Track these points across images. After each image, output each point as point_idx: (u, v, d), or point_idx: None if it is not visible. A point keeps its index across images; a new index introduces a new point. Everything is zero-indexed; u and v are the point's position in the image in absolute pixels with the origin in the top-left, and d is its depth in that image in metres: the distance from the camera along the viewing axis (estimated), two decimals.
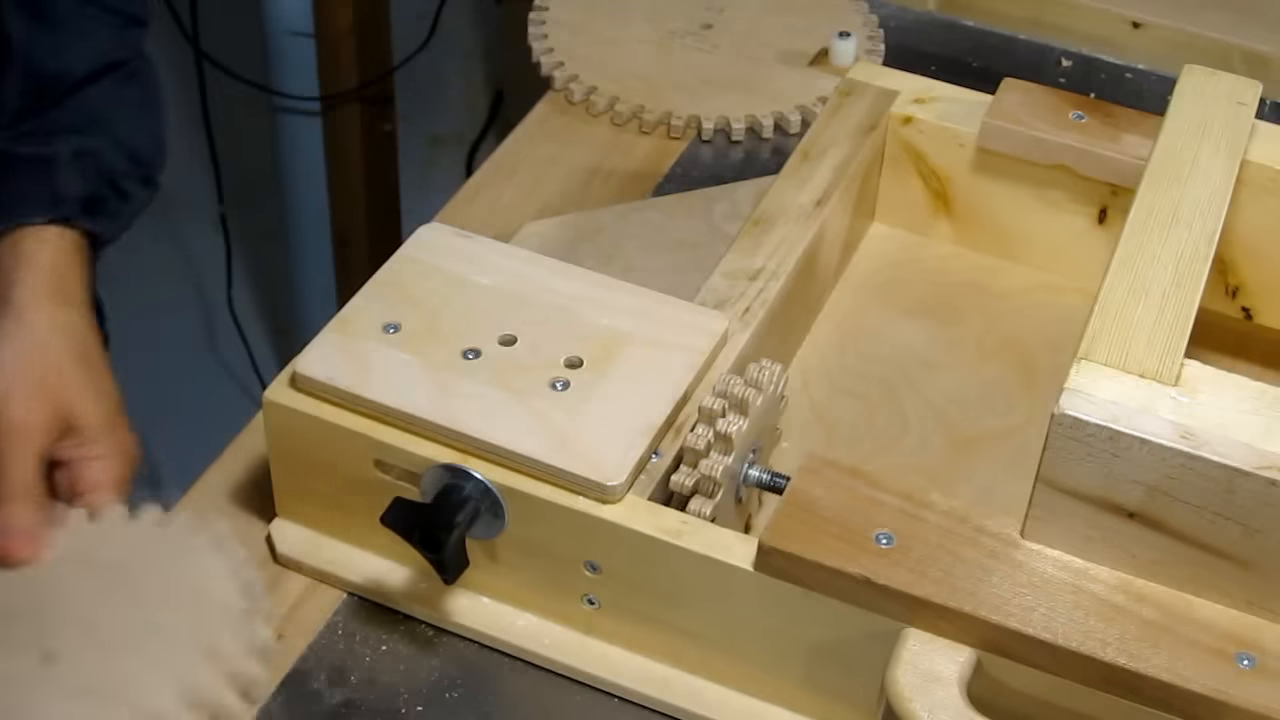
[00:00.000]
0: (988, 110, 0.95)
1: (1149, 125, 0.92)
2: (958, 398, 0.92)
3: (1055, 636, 0.69)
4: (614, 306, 0.82)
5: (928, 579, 0.71)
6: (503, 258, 0.85)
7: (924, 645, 0.71)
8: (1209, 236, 0.79)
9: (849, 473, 0.75)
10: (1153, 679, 0.68)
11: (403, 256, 0.84)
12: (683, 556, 0.73)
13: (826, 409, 0.92)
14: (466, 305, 0.81)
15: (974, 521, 0.73)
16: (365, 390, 0.77)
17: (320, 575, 0.82)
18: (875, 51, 1.17)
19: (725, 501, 0.77)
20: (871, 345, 0.95)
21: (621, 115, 1.11)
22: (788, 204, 0.91)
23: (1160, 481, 0.69)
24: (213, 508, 0.85)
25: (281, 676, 0.78)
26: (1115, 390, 0.70)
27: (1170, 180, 0.82)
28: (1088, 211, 0.96)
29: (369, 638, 0.80)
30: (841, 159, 0.94)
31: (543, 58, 1.15)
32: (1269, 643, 0.70)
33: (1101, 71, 1.19)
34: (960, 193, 0.99)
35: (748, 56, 1.15)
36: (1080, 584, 0.71)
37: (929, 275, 1.00)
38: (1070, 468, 0.70)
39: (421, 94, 2.12)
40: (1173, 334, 0.73)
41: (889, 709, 0.70)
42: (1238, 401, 0.70)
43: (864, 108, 0.97)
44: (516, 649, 0.80)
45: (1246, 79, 0.90)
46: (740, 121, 1.10)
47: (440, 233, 0.86)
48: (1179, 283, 0.76)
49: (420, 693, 0.78)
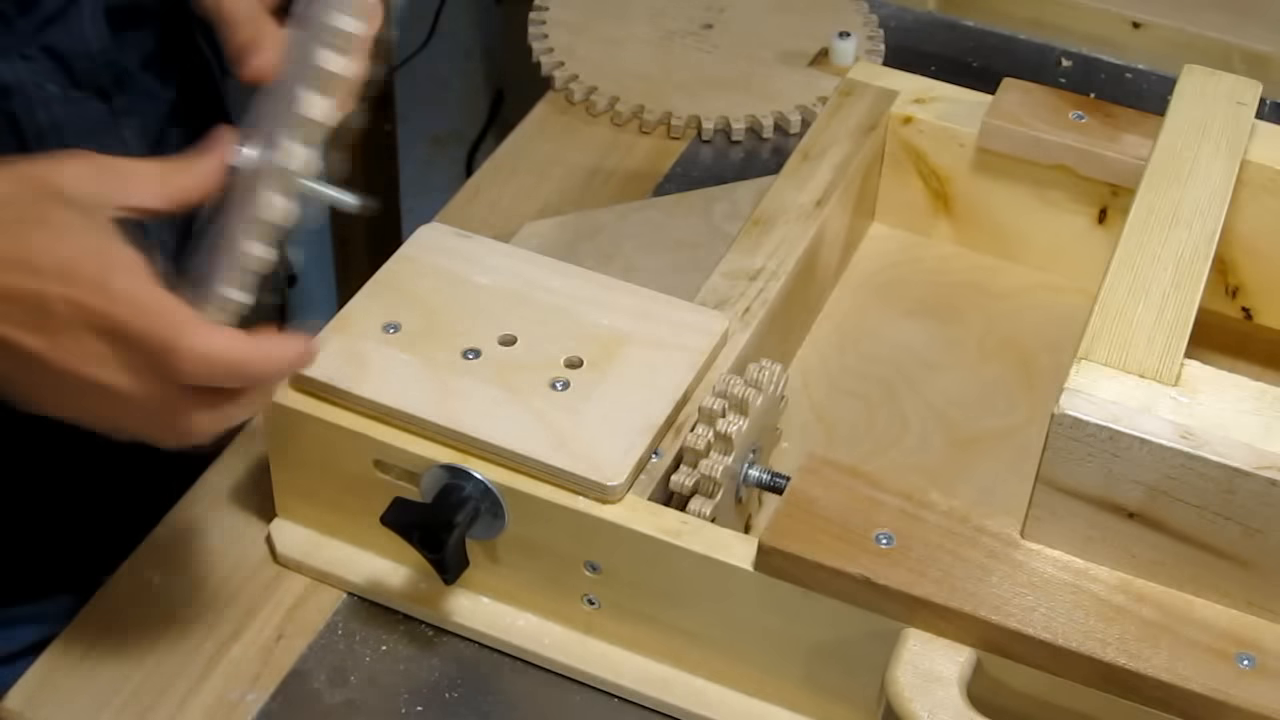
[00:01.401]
0: (988, 110, 0.95)
1: (1149, 125, 0.92)
2: (958, 398, 0.92)
3: (1055, 636, 0.69)
4: (614, 306, 0.82)
5: (928, 579, 0.71)
6: (502, 258, 0.85)
7: (924, 645, 0.71)
8: (1209, 236, 0.79)
9: (849, 473, 0.75)
10: (1153, 679, 0.68)
11: (402, 256, 0.84)
12: (683, 556, 0.73)
13: (826, 409, 0.92)
14: (466, 305, 0.81)
15: (974, 521, 0.73)
16: (365, 390, 0.77)
17: (320, 575, 0.82)
18: (875, 51, 1.16)
19: (725, 501, 0.77)
20: (871, 345, 0.95)
21: (621, 115, 1.11)
22: (788, 204, 0.91)
23: (1160, 481, 0.69)
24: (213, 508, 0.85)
25: (281, 676, 0.78)
26: (1115, 390, 0.70)
27: (1170, 180, 0.82)
28: (1088, 211, 0.96)
29: (369, 638, 0.80)
30: (841, 159, 0.94)
31: (543, 58, 1.15)
32: (1269, 643, 0.70)
33: (1101, 71, 1.19)
34: (960, 193, 0.99)
35: (748, 56, 1.15)
36: (1080, 584, 0.71)
37: (929, 275, 1.00)
38: (1070, 468, 0.70)
39: (421, 94, 2.12)
40: (1173, 334, 0.73)
41: (889, 709, 0.70)
42: (1238, 401, 0.70)
43: (864, 108, 0.97)
44: (516, 649, 0.80)
45: (1246, 79, 0.90)
46: (740, 121, 1.10)
47: (440, 233, 0.86)
48: (1179, 283, 0.76)
49: (420, 693, 0.78)
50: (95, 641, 0.79)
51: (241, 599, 0.81)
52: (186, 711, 0.77)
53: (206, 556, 0.83)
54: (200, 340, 0.66)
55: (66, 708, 0.77)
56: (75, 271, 0.65)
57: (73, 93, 0.84)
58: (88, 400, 0.67)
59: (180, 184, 0.70)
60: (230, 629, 0.80)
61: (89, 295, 0.65)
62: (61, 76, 0.83)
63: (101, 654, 0.79)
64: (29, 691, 0.77)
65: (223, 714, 0.77)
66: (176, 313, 0.66)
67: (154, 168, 0.70)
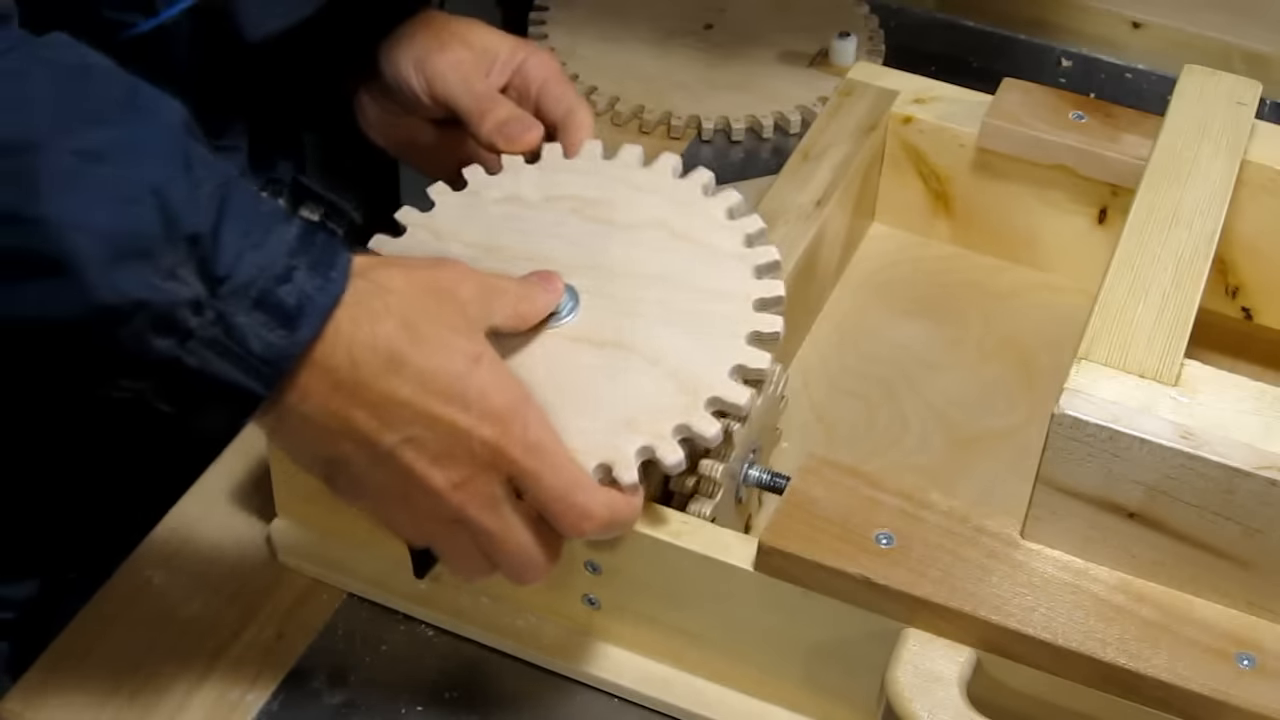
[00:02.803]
0: (988, 110, 0.95)
1: (1149, 125, 0.92)
2: (958, 398, 0.92)
3: (1055, 636, 0.69)
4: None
5: (928, 579, 0.71)
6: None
7: (924, 645, 0.71)
8: (1209, 236, 0.79)
9: (849, 473, 0.75)
10: (1153, 679, 0.68)
11: (378, 242, 0.84)
12: (683, 556, 0.73)
13: (826, 409, 0.92)
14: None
15: (974, 521, 0.73)
16: None
17: (320, 575, 0.82)
18: (875, 51, 1.16)
19: (725, 502, 0.77)
20: (871, 345, 0.95)
21: (621, 115, 1.11)
22: (788, 204, 0.91)
23: (1160, 481, 0.69)
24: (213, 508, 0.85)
25: (281, 676, 0.78)
26: (1115, 390, 0.70)
27: (1170, 180, 0.82)
28: (1088, 211, 0.96)
29: (369, 638, 0.80)
30: (841, 159, 0.94)
31: None
32: (1269, 643, 0.70)
33: (1101, 71, 1.19)
34: (960, 193, 0.99)
35: (748, 56, 1.15)
36: (1080, 584, 0.71)
37: (929, 275, 1.00)
38: (1070, 468, 0.70)
39: None
40: (1173, 334, 0.73)
41: (889, 709, 0.70)
42: (1238, 401, 0.70)
43: (864, 108, 0.97)
44: (516, 649, 0.80)
45: (1246, 79, 0.90)
46: (740, 121, 1.10)
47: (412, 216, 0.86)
48: (1179, 283, 0.76)
49: (420, 693, 0.78)
50: (95, 641, 0.79)
51: (241, 599, 0.81)
52: (186, 711, 0.77)
53: (206, 556, 0.83)
54: (600, 501, 0.68)
55: (66, 708, 0.77)
56: (503, 417, 0.65)
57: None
58: (458, 538, 0.68)
59: (533, 308, 0.72)
60: (230, 629, 0.80)
61: (513, 445, 0.65)
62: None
63: (102, 654, 0.79)
64: (29, 691, 0.77)
65: (223, 714, 0.77)
66: (580, 472, 0.68)
67: (515, 289, 0.71)
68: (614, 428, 0.70)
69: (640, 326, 0.74)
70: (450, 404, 0.64)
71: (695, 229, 0.78)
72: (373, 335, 0.63)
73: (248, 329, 0.61)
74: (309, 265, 0.62)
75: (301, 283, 0.62)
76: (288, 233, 0.62)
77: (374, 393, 0.63)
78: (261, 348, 0.61)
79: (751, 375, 0.73)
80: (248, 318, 0.61)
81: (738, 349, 0.74)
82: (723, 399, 0.72)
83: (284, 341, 0.61)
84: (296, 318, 0.62)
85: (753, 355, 0.73)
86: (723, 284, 0.76)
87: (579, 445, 0.69)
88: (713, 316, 0.75)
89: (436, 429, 0.65)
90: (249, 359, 0.61)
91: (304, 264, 0.62)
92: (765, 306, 0.76)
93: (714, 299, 0.75)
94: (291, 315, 0.61)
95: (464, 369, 0.65)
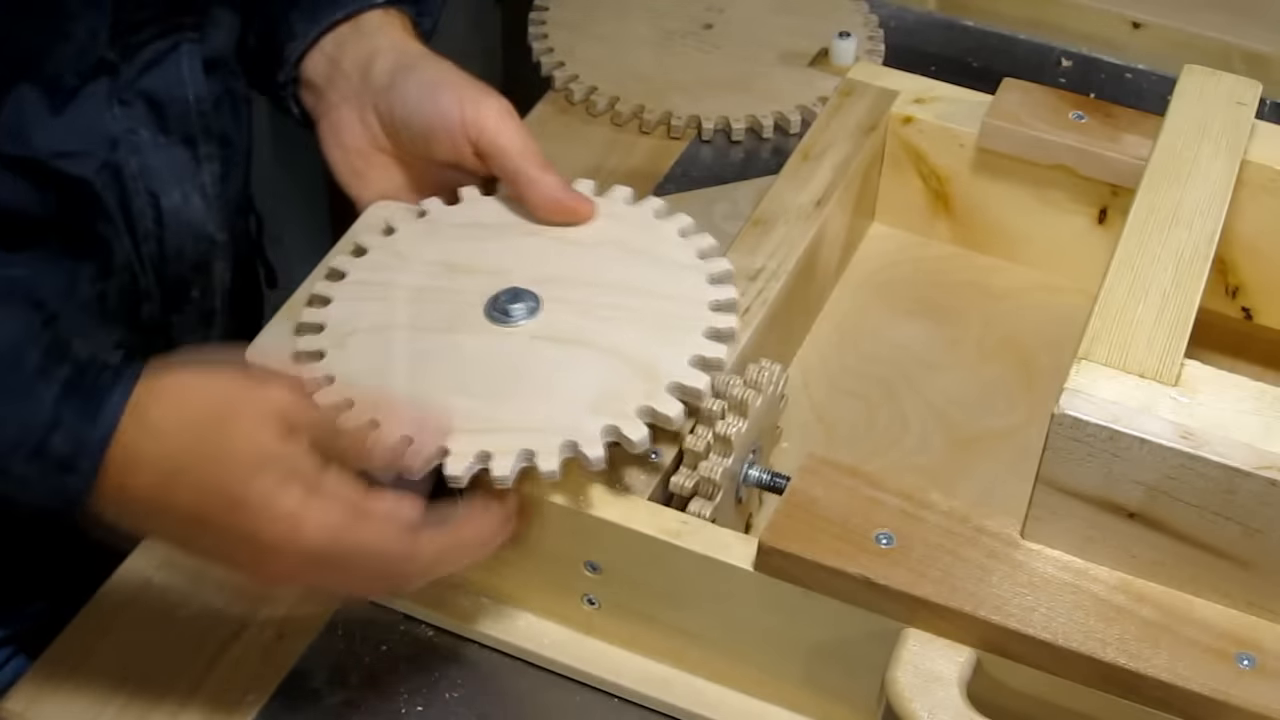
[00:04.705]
0: (988, 110, 0.95)
1: (1149, 125, 0.92)
2: (958, 398, 0.92)
3: (1055, 636, 0.69)
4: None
5: (928, 579, 0.71)
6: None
7: (924, 645, 0.71)
8: (1209, 236, 0.79)
9: (849, 473, 0.75)
10: (1153, 679, 0.68)
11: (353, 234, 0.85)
12: (683, 556, 0.73)
13: (826, 409, 0.92)
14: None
15: (974, 521, 0.73)
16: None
17: None
18: (875, 51, 1.16)
19: (725, 502, 0.77)
20: (871, 345, 0.95)
21: (621, 115, 1.11)
22: (788, 204, 0.91)
23: (1160, 481, 0.69)
24: None
25: (281, 676, 0.78)
26: (1115, 390, 0.70)
27: (1170, 180, 0.82)
28: (1088, 211, 0.96)
29: (369, 638, 0.80)
30: (841, 159, 0.94)
31: (543, 58, 1.15)
32: (1269, 643, 0.70)
33: (1101, 71, 1.19)
34: (960, 193, 0.99)
35: (748, 56, 1.15)
36: (1080, 584, 0.71)
37: (929, 275, 1.00)
38: (1070, 468, 0.70)
39: None
40: (1173, 334, 0.73)
41: (889, 709, 0.70)
42: (1238, 401, 0.70)
43: (864, 108, 0.97)
44: (516, 649, 0.80)
45: (1246, 79, 0.90)
46: (740, 121, 1.10)
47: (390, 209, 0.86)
48: (1179, 283, 0.76)
49: (420, 693, 0.78)
50: (96, 641, 0.79)
51: (241, 599, 0.81)
52: (186, 711, 0.77)
53: None
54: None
55: (66, 708, 0.77)
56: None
57: (161, 138, 0.84)
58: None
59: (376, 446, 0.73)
60: (230, 629, 0.80)
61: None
62: (154, 123, 0.84)
63: (102, 654, 0.79)
64: (29, 692, 0.77)
65: (223, 714, 0.77)
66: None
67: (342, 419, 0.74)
68: (577, 410, 0.73)
69: (601, 326, 0.77)
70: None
71: (651, 245, 0.82)
72: (136, 486, 0.68)
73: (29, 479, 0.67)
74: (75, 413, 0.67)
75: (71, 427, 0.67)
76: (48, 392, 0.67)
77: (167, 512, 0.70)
78: (47, 492, 0.68)
79: (711, 364, 0.76)
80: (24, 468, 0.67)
81: (696, 342, 0.76)
82: (683, 384, 0.74)
83: (70, 478, 0.67)
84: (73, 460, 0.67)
85: (710, 347, 0.76)
86: (679, 289, 0.79)
87: (542, 426, 0.72)
88: (671, 316, 0.78)
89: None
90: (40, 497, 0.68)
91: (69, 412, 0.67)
92: (720, 308, 0.79)
93: (671, 301, 0.79)
94: (66, 461, 0.67)
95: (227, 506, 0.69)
